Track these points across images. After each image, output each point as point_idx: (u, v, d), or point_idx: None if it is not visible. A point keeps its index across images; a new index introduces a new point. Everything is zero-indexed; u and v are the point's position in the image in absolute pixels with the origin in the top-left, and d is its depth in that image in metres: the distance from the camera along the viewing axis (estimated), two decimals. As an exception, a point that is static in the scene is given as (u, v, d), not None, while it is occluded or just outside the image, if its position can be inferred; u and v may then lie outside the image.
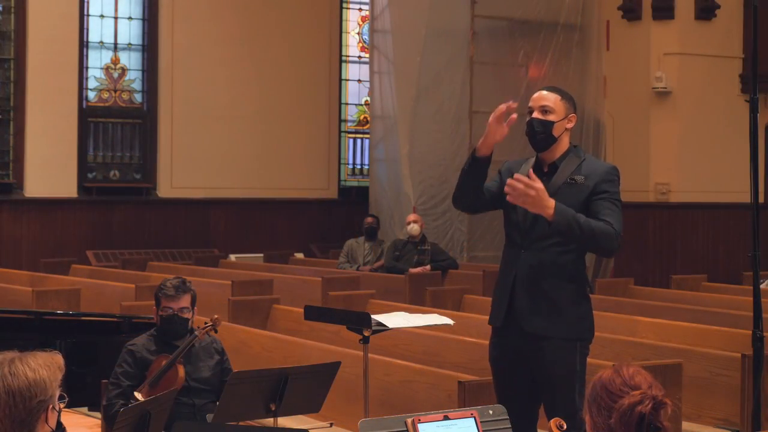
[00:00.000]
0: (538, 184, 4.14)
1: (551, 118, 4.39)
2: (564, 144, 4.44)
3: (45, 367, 2.78)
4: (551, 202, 4.15)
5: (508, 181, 4.20)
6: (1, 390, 2.73)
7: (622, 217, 4.33)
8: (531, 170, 4.33)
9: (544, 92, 4.43)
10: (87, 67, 14.25)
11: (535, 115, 4.41)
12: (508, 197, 4.21)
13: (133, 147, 14.54)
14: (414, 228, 11.26)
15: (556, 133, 4.39)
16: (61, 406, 2.82)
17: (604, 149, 13.50)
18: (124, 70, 14.54)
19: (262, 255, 14.04)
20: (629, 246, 13.40)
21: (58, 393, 2.81)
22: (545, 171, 4.42)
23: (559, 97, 4.42)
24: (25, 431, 2.74)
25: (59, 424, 2.82)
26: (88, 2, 14.22)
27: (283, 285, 9.95)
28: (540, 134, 4.39)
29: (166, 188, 14.51)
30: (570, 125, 4.43)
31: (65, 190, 13.87)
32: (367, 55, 15.45)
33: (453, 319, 5.18)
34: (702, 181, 13.27)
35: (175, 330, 5.18)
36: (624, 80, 13.49)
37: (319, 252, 14.97)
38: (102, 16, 14.36)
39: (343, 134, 16.10)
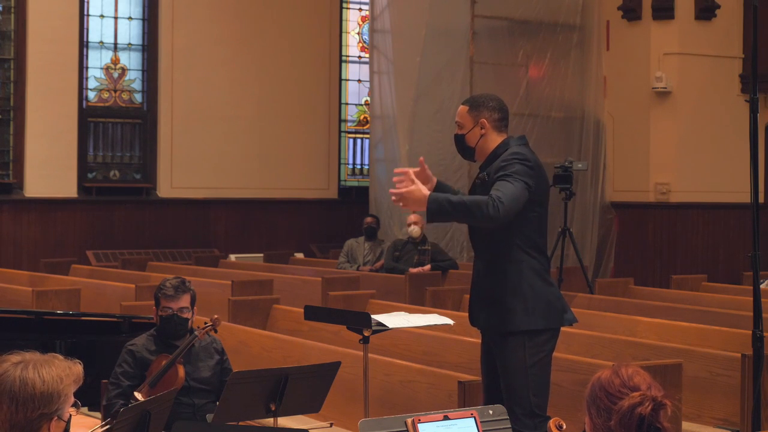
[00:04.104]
0: (410, 186, 4.33)
1: (462, 131, 4.65)
2: (489, 146, 4.63)
3: (58, 379, 2.72)
4: (424, 194, 4.31)
5: (390, 190, 4.44)
6: (5, 395, 2.68)
7: (517, 190, 4.35)
8: (409, 171, 4.47)
9: (460, 107, 4.69)
10: (87, 67, 14.25)
11: (455, 130, 4.70)
12: (394, 201, 4.42)
13: (133, 147, 14.54)
14: (415, 230, 11.16)
15: (470, 143, 4.65)
16: (73, 411, 2.77)
17: (604, 149, 13.49)
18: (124, 70, 14.54)
19: (262, 255, 14.02)
20: (629, 246, 13.41)
21: (69, 402, 2.75)
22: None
23: (466, 109, 4.65)
24: None
25: None
26: (88, 2, 14.22)
27: (283, 285, 9.94)
28: (458, 148, 4.72)
29: (166, 188, 14.50)
30: (483, 130, 4.61)
31: (65, 190, 13.87)
32: (367, 55, 15.44)
33: (453, 319, 5.19)
34: (702, 181, 13.25)
35: (175, 330, 5.19)
36: (624, 80, 13.48)
37: (319, 252, 14.96)
38: (102, 16, 14.36)
39: (343, 134, 16.09)
